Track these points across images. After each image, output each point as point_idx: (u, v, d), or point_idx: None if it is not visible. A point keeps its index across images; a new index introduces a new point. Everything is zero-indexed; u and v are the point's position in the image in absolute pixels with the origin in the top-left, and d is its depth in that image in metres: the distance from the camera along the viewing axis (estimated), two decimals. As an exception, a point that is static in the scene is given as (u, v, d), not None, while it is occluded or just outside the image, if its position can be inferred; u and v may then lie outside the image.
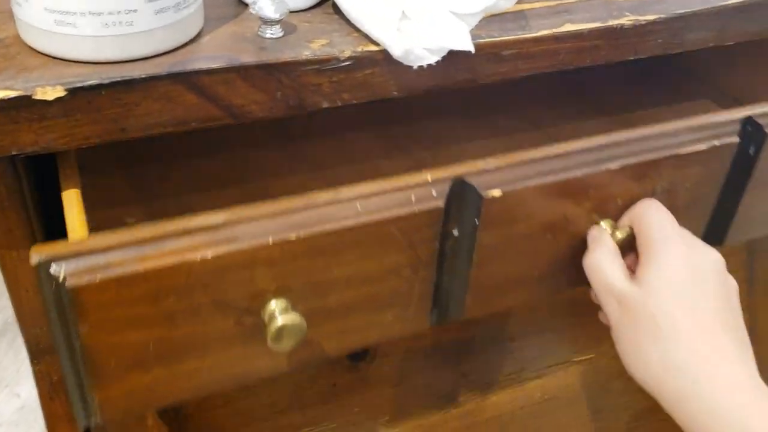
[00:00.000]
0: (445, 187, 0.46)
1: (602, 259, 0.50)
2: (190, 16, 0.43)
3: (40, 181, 0.49)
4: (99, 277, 0.38)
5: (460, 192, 0.47)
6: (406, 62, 0.45)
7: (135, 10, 0.40)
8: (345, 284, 0.46)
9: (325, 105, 0.46)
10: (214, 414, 0.61)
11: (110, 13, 0.39)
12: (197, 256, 0.40)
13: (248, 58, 0.43)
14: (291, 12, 0.49)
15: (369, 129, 0.71)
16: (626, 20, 0.53)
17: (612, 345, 0.76)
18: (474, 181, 0.47)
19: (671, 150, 0.53)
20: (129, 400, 0.43)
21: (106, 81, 0.40)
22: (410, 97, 0.49)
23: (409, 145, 0.69)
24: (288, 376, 0.61)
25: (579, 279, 0.53)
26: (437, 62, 0.46)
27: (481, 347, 0.69)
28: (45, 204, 0.49)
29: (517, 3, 0.52)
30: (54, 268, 0.37)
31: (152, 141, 0.48)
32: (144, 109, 0.42)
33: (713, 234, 0.60)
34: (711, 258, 0.51)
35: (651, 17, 0.53)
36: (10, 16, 0.43)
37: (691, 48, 0.57)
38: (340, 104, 0.47)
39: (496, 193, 0.47)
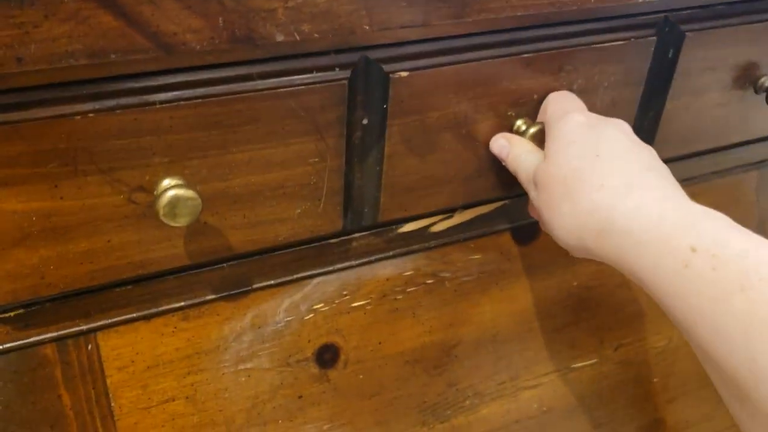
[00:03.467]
0: (350, 60, 0.43)
1: (520, 152, 0.49)
2: None
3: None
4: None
5: (366, 71, 0.44)
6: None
7: None
8: (247, 166, 0.43)
9: (281, 39, 0.38)
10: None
11: None
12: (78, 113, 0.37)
13: (181, -30, 0.35)
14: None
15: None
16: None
17: (615, 348, 0.68)
18: (380, 59, 0.44)
19: (586, 38, 0.50)
20: (15, 284, 0.40)
21: (-6, -9, 0.32)
22: None
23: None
24: (242, 387, 0.52)
25: (498, 186, 0.52)
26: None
27: (469, 352, 0.60)
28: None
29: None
30: None
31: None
32: (46, 33, 0.33)
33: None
34: (614, 120, 0.47)
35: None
36: None
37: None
38: (299, 38, 0.38)
39: (403, 73, 0.44)
